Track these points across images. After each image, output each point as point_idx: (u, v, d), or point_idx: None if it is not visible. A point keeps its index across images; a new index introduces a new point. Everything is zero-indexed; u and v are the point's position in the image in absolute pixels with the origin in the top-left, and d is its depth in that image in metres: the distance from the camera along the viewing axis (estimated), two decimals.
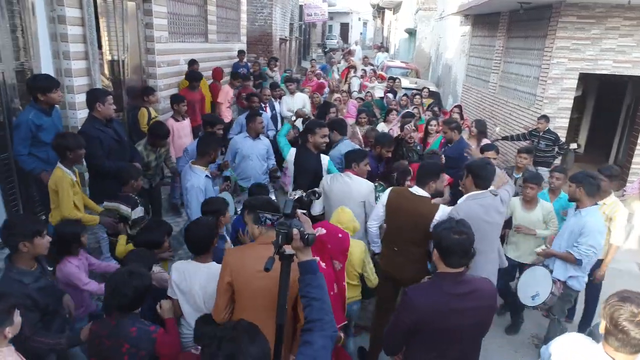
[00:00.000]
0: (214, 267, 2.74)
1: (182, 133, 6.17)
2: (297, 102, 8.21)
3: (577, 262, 3.91)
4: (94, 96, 4.23)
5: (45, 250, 2.69)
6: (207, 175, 4.14)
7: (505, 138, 8.40)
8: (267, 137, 6.60)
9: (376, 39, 40.66)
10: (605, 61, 7.64)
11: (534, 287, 4.12)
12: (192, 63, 7.17)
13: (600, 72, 7.76)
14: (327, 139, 4.92)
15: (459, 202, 3.45)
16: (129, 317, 2.36)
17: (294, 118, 6.33)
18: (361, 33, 47.59)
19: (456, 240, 2.26)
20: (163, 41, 6.77)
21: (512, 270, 4.59)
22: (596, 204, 4.00)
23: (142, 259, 2.83)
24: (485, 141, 6.51)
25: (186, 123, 6.30)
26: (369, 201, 4.04)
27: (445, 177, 4.99)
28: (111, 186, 4.17)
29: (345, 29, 48.18)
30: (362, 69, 12.25)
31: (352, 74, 11.12)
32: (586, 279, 4.12)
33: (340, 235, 2.87)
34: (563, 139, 7.68)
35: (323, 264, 2.79)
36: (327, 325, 1.70)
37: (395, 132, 6.54)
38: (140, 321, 2.40)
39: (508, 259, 4.38)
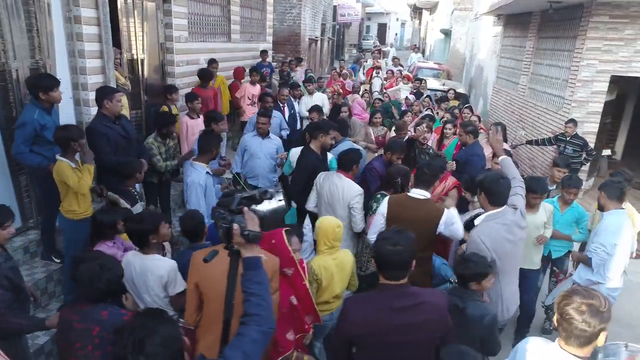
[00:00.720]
0: (154, 260, 2.81)
1: (197, 130, 6.25)
2: (316, 102, 8.22)
3: (588, 262, 3.87)
4: (102, 94, 4.35)
5: (4, 241, 2.79)
6: (207, 172, 4.21)
7: (530, 142, 8.13)
8: (281, 137, 6.66)
9: (414, 40, 40.09)
10: None
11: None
12: (212, 62, 7.28)
13: (633, 74, 7.35)
14: (334, 140, 4.97)
15: (477, 221, 3.23)
16: (102, 304, 2.40)
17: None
18: (396, 34, 47.00)
19: (390, 251, 2.16)
20: (182, 41, 6.91)
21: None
22: (622, 208, 3.92)
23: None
24: (504, 146, 6.31)
25: (200, 121, 6.39)
26: (354, 206, 3.98)
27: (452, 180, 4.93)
28: (119, 182, 4.32)
29: (382, 29, 47.74)
30: (390, 70, 12.11)
31: (374, 74, 11.01)
32: (609, 291, 3.89)
33: (273, 241, 2.64)
34: (592, 145, 7.33)
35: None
36: (263, 320, 1.70)
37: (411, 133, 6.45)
38: (112, 306, 2.43)
39: None
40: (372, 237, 3.65)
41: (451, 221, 3.39)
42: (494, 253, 3.01)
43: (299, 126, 7.90)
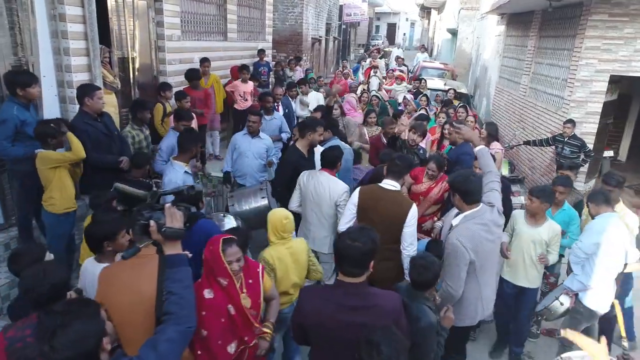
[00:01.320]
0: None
1: None
2: (311, 101, 8.22)
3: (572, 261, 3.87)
4: (82, 91, 4.36)
5: None
6: (186, 171, 4.16)
7: (527, 143, 8.00)
8: (280, 139, 6.63)
9: (423, 40, 39.86)
10: None
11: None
12: (204, 61, 7.24)
13: (633, 74, 7.18)
14: (322, 137, 4.93)
15: (455, 221, 3.15)
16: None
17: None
18: (404, 34, 46.73)
19: (347, 245, 2.12)
20: (175, 39, 6.90)
21: (512, 294, 4.12)
22: (612, 212, 3.86)
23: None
24: (495, 145, 6.21)
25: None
26: (340, 204, 3.95)
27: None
28: (101, 178, 4.33)
29: (392, 29, 47.52)
30: (391, 69, 12.03)
31: (372, 73, 10.96)
32: (604, 298, 3.75)
33: (211, 247, 2.48)
34: (590, 146, 7.19)
35: (209, 294, 2.45)
36: (181, 320, 1.68)
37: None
38: None
39: (506, 282, 4.04)
40: (342, 227, 3.62)
41: (412, 220, 3.39)
42: (475, 254, 2.95)
43: (295, 123, 7.88)
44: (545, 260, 3.89)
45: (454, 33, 23.98)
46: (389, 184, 3.51)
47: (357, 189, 3.61)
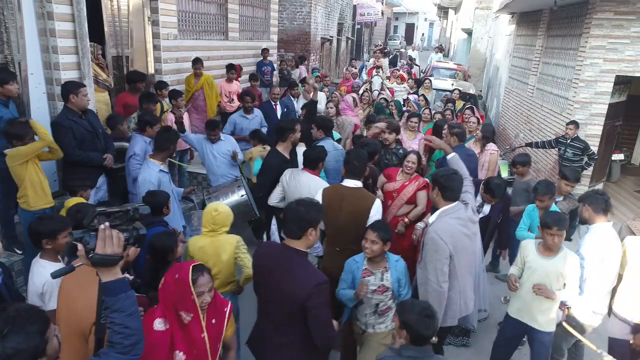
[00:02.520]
0: (39, 267, 2.69)
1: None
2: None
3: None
4: (67, 89, 4.39)
5: None
6: (161, 170, 4.14)
7: (529, 145, 7.79)
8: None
9: (441, 40, 39.38)
10: None
11: None
12: (196, 62, 7.07)
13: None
14: (299, 133, 4.84)
15: (432, 219, 3.13)
16: None
17: None
18: (423, 34, 46.26)
19: (292, 208, 2.48)
20: (171, 38, 6.94)
21: (519, 336, 3.67)
22: (609, 221, 3.57)
23: None
24: (491, 146, 6.05)
25: (185, 117, 6.45)
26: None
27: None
28: (83, 175, 4.37)
29: (410, 29, 47.11)
30: (395, 69, 11.89)
31: (375, 73, 10.86)
32: (596, 310, 3.47)
33: (177, 275, 2.11)
34: (595, 149, 6.96)
35: (160, 324, 2.10)
36: (126, 349, 1.60)
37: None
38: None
39: (512, 319, 3.58)
40: None
41: (376, 216, 3.40)
42: (453, 248, 2.97)
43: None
44: (545, 292, 3.28)
45: (469, 33, 23.63)
46: (351, 183, 3.53)
47: (321, 189, 3.64)
